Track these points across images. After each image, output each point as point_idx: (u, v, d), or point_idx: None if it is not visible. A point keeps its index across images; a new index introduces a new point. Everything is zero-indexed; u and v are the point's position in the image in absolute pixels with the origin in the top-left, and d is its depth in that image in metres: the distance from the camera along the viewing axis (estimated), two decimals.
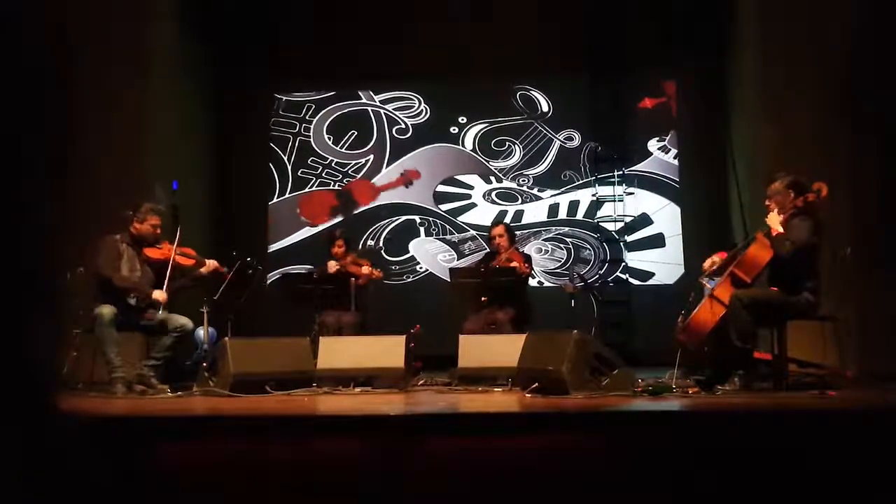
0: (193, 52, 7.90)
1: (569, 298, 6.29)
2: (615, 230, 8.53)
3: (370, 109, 8.95)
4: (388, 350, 5.15)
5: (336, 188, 8.85)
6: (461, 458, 2.91)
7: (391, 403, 4.23)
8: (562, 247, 8.61)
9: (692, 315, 4.53)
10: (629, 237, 8.53)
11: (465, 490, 2.85)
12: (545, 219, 8.65)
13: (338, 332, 5.91)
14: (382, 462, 2.91)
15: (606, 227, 8.55)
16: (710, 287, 4.66)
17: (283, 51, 8.66)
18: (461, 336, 5.40)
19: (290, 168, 8.85)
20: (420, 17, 8.34)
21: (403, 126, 8.88)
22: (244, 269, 5.87)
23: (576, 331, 4.37)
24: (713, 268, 4.81)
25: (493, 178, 8.75)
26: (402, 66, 8.59)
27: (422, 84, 8.86)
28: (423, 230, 8.74)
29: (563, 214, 8.65)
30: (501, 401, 4.35)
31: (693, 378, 4.60)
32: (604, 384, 4.19)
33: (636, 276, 8.48)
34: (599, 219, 8.57)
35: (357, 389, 4.94)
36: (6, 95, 0.81)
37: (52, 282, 0.86)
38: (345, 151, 8.88)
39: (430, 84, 8.85)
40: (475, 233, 8.63)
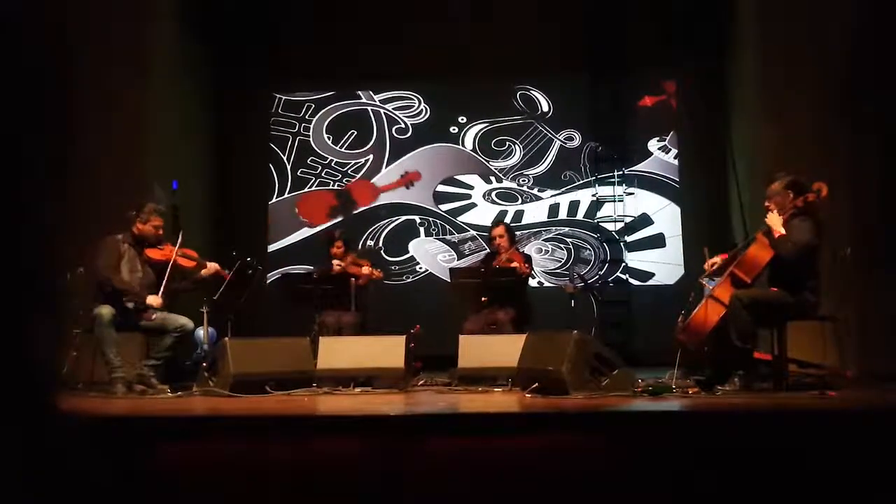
0: (193, 52, 7.90)
1: (569, 298, 6.29)
2: (615, 230, 8.53)
3: (370, 109, 8.95)
4: (388, 350, 5.15)
5: (335, 188, 8.85)
6: (461, 458, 2.91)
7: (391, 403, 4.23)
8: (562, 247, 8.60)
9: (692, 315, 4.53)
10: (629, 237, 8.52)
11: (465, 490, 2.85)
12: (545, 219, 8.65)
13: (338, 332, 5.91)
14: (382, 462, 2.91)
15: (606, 228, 8.54)
16: (710, 287, 4.66)
17: (283, 51, 8.66)
18: (461, 336, 5.40)
19: (290, 168, 8.85)
20: (420, 17, 8.34)
21: (403, 126, 8.87)
22: (244, 269, 5.87)
23: (576, 331, 4.37)
24: (713, 268, 4.81)
25: (493, 178, 8.74)
26: (402, 66, 8.59)
27: (422, 84, 8.86)
28: (423, 230, 8.73)
29: (564, 214, 8.64)
30: (501, 401, 4.35)
31: (693, 378, 4.60)
32: (604, 384, 4.19)
33: (636, 277, 8.48)
34: (599, 219, 8.56)
35: (357, 389, 4.94)
36: (6, 95, 0.81)
37: (52, 282, 0.86)
38: (344, 151, 8.87)
39: (430, 84, 8.85)
40: (475, 233, 8.62)
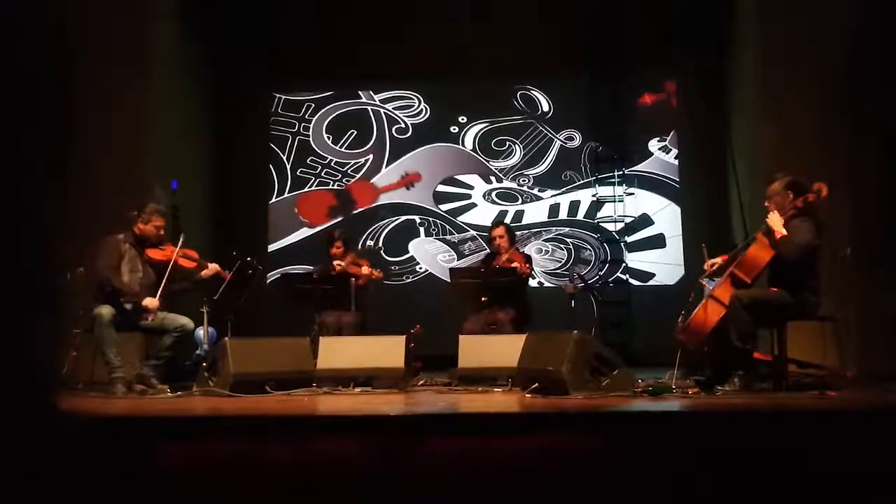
0: (193, 52, 7.90)
1: (569, 299, 6.29)
2: (615, 231, 8.53)
3: (370, 109, 8.94)
4: (388, 350, 5.15)
5: (335, 188, 8.85)
6: (461, 458, 2.91)
7: (391, 403, 4.23)
8: (562, 247, 8.60)
9: (692, 315, 4.53)
10: (630, 238, 8.52)
11: (465, 490, 2.85)
12: (545, 219, 8.64)
13: (338, 332, 5.91)
14: (382, 462, 2.91)
15: (607, 228, 8.54)
16: (710, 287, 4.66)
17: (283, 51, 8.66)
18: (461, 336, 5.40)
19: (289, 168, 8.85)
20: (420, 17, 8.34)
21: (403, 125, 8.87)
22: (244, 269, 5.87)
23: (576, 331, 4.37)
24: (713, 268, 4.81)
25: (494, 178, 8.74)
26: (402, 66, 8.59)
27: (422, 84, 8.85)
28: (423, 230, 8.73)
29: (564, 215, 8.64)
30: (501, 401, 4.35)
31: (693, 378, 4.60)
32: (604, 384, 4.19)
33: (636, 277, 8.47)
34: (600, 219, 8.56)
35: (357, 389, 4.94)
36: (6, 95, 0.81)
37: (52, 282, 0.86)
38: (344, 151, 8.87)
39: (430, 84, 8.84)
40: (475, 233, 8.61)
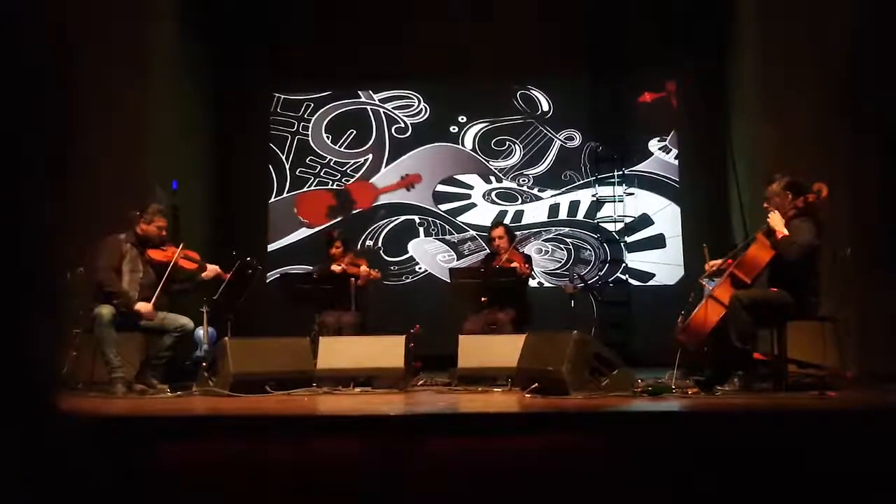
0: (193, 52, 7.89)
1: (569, 299, 6.30)
2: (615, 231, 8.53)
3: (369, 108, 8.94)
4: (388, 350, 5.15)
5: (334, 188, 8.84)
6: (461, 458, 2.91)
7: (391, 403, 4.23)
8: (562, 247, 8.60)
9: (692, 315, 4.53)
10: (630, 238, 8.52)
11: (465, 490, 2.85)
12: (545, 219, 8.64)
13: (338, 332, 5.90)
14: (382, 462, 2.91)
15: (607, 228, 8.54)
16: (710, 287, 4.66)
17: (283, 51, 8.66)
18: (461, 336, 5.40)
19: (289, 167, 8.84)
20: (420, 17, 8.34)
21: (403, 125, 8.86)
22: (244, 269, 5.87)
23: (576, 331, 4.37)
24: (713, 269, 4.81)
25: (493, 178, 8.74)
26: (402, 66, 8.59)
27: (421, 83, 8.85)
28: (423, 230, 8.72)
29: (564, 215, 8.63)
30: (501, 401, 4.35)
31: (693, 378, 4.60)
32: (603, 384, 4.19)
33: (636, 277, 8.47)
34: (600, 219, 8.56)
35: (357, 389, 4.94)
36: (6, 95, 0.81)
37: (52, 282, 0.86)
38: (343, 150, 8.86)
39: (430, 83, 8.84)
40: (475, 233, 8.61)
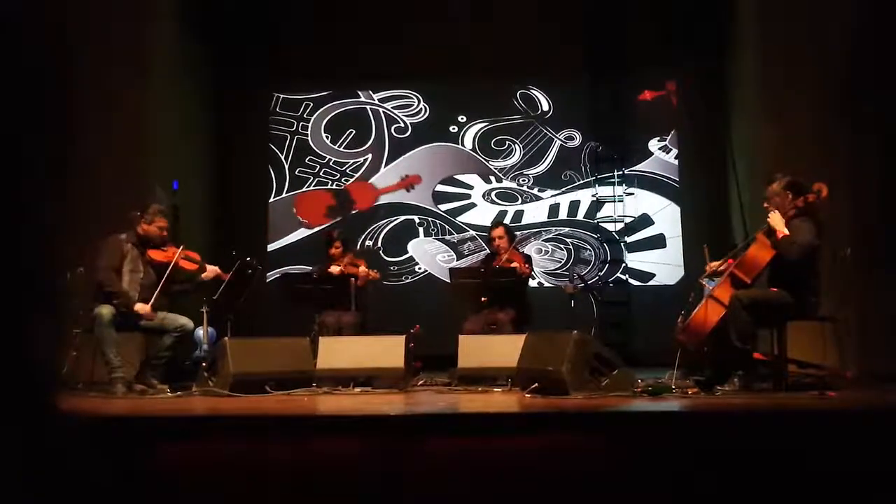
0: (193, 52, 7.89)
1: (569, 299, 6.30)
2: (615, 231, 8.52)
3: (369, 108, 8.93)
4: (388, 350, 5.15)
5: (333, 188, 8.83)
6: (461, 458, 2.91)
7: (391, 403, 4.23)
8: (562, 247, 8.59)
9: (692, 315, 4.53)
10: (630, 238, 8.52)
11: (465, 490, 2.85)
12: (545, 219, 8.64)
13: (338, 332, 5.90)
14: (382, 462, 2.91)
15: (607, 228, 8.54)
16: (710, 287, 4.66)
17: (283, 51, 8.66)
18: (461, 336, 5.40)
19: (288, 167, 8.83)
20: (420, 17, 8.34)
21: (402, 125, 8.86)
22: (244, 269, 5.87)
23: (576, 331, 4.37)
24: (714, 269, 4.81)
25: (493, 178, 8.73)
26: (402, 66, 8.59)
27: (421, 83, 8.85)
28: (423, 230, 8.72)
29: (564, 215, 8.63)
30: (501, 401, 4.35)
31: (693, 378, 4.60)
32: (603, 384, 4.19)
33: (636, 277, 8.47)
34: (600, 219, 8.56)
35: (357, 389, 4.94)
36: (6, 95, 0.81)
37: (52, 282, 0.86)
38: (343, 150, 8.86)
39: (430, 83, 8.84)
40: (474, 233, 8.61)
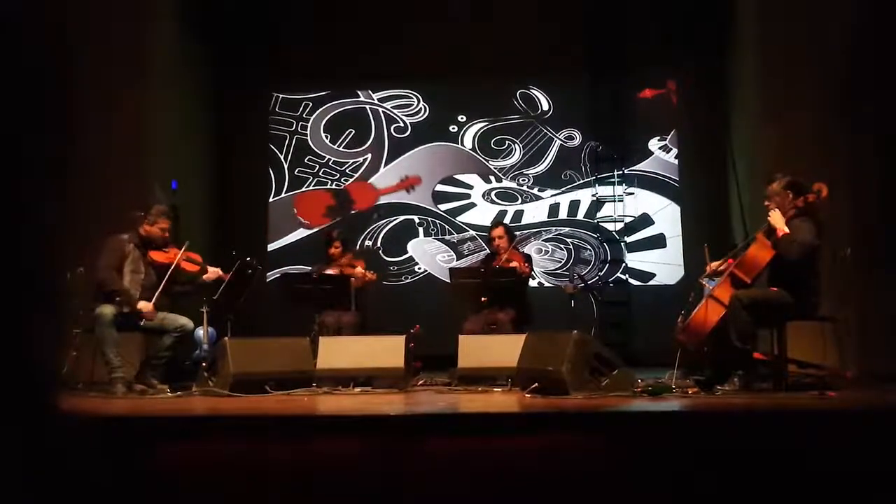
0: (193, 52, 7.89)
1: (569, 299, 6.29)
2: (615, 230, 8.52)
3: (368, 108, 8.92)
4: (388, 350, 5.15)
5: (333, 188, 8.82)
6: (461, 458, 2.91)
7: (391, 403, 4.23)
8: (562, 247, 8.59)
9: (692, 315, 4.53)
10: (630, 238, 8.51)
11: (465, 490, 2.85)
12: (545, 219, 8.63)
13: (338, 332, 5.90)
14: (382, 462, 2.91)
15: (607, 228, 8.54)
16: (710, 287, 4.66)
17: (283, 51, 8.66)
18: (461, 336, 5.40)
19: (287, 167, 8.83)
20: (420, 17, 8.34)
21: (402, 125, 8.85)
22: (244, 269, 5.86)
23: (576, 331, 4.37)
24: (714, 269, 4.81)
25: (493, 178, 8.73)
26: (402, 66, 8.59)
27: (421, 83, 8.84)
28: (422, 230, 8.72)
29: (564, 214, 8.63)
30: (501, 401, 4.35)
31: (693, 378, 4.60)
32: (604, 384, 4.19)
33: (636, 277, 8.46)
34: (600, 219, 8.55)
35: (357, 389, 4.94)
36: (6, 95, 0.81)
37: (52, 282, 0.86)
38: (342, 150, 8.85)
39: (430, 83, 8.84)
40: (474, 233, 8.60)
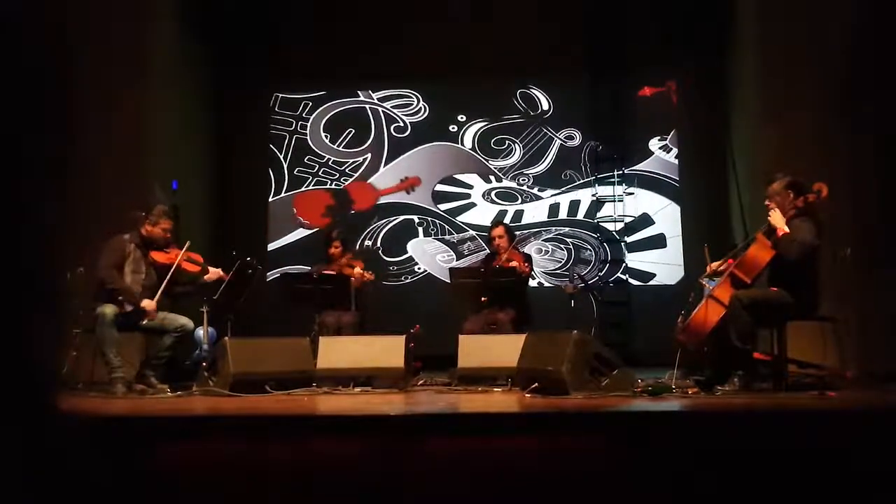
0: (193, 52, 7.90)
1: (569, 299, 6.29)
2: (615, 230, 8.52)
3: (368, 107, 8.92)
4: (388, 350, 5.15)
5: (332, 187, 8.82)
6: (461, 458, 2.91)
7: (391, 403, 4.23)
8: (562, 247, 8.59)
9: (692, 315, 4.53)
10: (630, 238, 8.51)
11: (465, 490, 2.85)
12: (545, 219, 8.63)
13: (338, 332, 5.90)
14: (382, 462, 2.91)
15: (607, 228, 8.54)
16: (710, 287, 4.66)
17: (283, 51, 8.66)
18: (461, 336, 5.40)
19: (287, 166, 8.83)
20: (420, 17, 8.34)
21: (402, 124, 8.85)
22: (244, 269, 5.87)
23: (576, 331, 4.37)
24: (714, 269, 4.81)
25: (493, 178, 8.73)
26: (402, 66, 8.59)
27: (421, 82, 8.84)
28: (422, 230, 8.71)
29: (564, 214, 8.63)
30: (501, 401, 4.35)
31: (693, 378, 4.60)
32: (603, 384, 4.20)
33: (637, 277, 8.46)
34: (600, 219, 8.55)
35: (357, 389, 4.94)
36: (6, 95, 0.81)
37: (52, 282, 0.86)
38: (342, 150, 8.85)
39: (430, 82, 8.83)
40: (474, 233, 8.60)
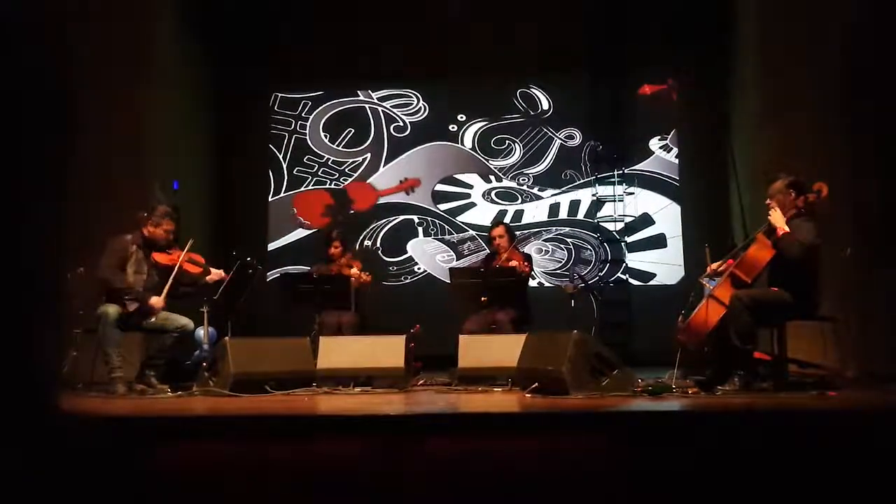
0: (193, 52, 7.90)
1: (569, 298, 6.29)
2: (616, 230, 8.52)
3: (367, 107, 8.93)
4: (388, 350, 5.15)
5: (332, 187, 8.82)
6: (461, 458, 2.91)
7: (391, 403, 4.23)
8: (562, 247, 8.59)
9: (692, 315, 4.53)
10: (630, 237, 8.51)
11: (466, 490, 2.85)
12: (545, 219, 8.64)
13: (338, 332, 5.90)
14: (382, 462, 2.91)
15: (607, 228, 8.54)
16: (711, 287, 4.66)
17: (283, 51, 8.67)
18: (461, 336, 5.40)
19: (286, 166, 8.83)
20: (420, 17, 8.34)
21: (401, 124, 8.85)
22: (244, 269, 5.87)
23: (576, 331, 4.37)
24: (714, 269, 4.81)
25: (493, 178, 8.73)
26: (402, 66, 8.59)
27: (421, 82, 8.84)
28: (422, 230, 8.72)
29: (564, 214, 8.63)
30: (501, 401, 4.35)
31: (693, 378, 4.60)
32: (604, 384, 4.19)
33: (637, 277, 8.46)
34: (600, 219, 8.55)
35: (357, 389, 4.94)
36: (6, 95, 0.81)
37: (52, 282, 0.86)
38: (341, 150, 8.85)
39: (429, 82, 8.83)
40: (474, 233, 8.60)
